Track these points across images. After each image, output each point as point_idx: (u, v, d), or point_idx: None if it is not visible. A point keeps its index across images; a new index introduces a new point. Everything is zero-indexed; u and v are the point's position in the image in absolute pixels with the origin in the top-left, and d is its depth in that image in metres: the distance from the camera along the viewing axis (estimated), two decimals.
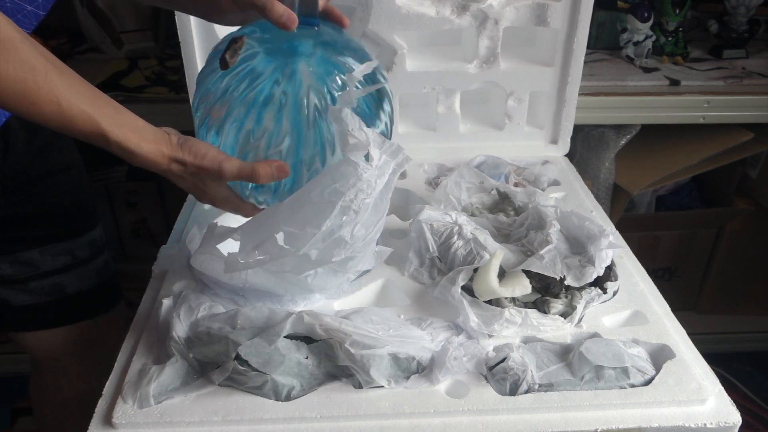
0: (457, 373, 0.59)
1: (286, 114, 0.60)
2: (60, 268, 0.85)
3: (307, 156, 0.61)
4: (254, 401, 0.57)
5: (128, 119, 0.57)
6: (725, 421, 0.56)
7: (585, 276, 0.66)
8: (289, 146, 0.60)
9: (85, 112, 0.54)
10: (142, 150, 0.57)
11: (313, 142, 0.61)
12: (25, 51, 0.51)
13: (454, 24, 0.93)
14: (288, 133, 0.60)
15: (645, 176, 1.28)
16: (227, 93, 0.60)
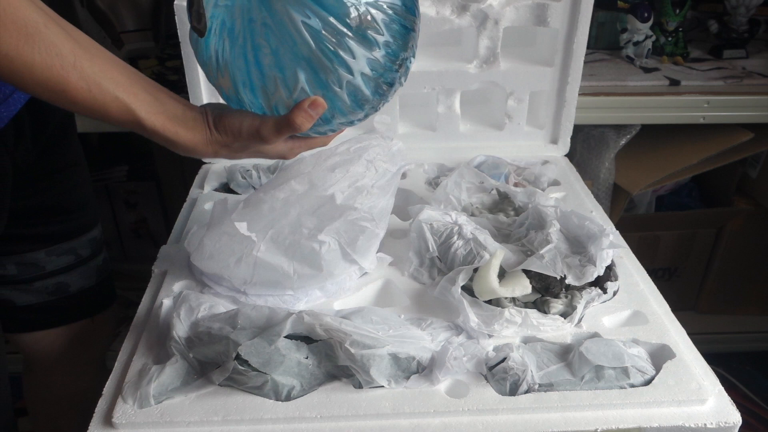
0: (457, 373, 0.59)
1: (282, 51, 0.53)
2: (64, 267, 0.86)
3: (330, 74, 0.54)
4: (254, 401, 0.57)
5: (166, 105, 0.54)
6: (725, 421, 0.56)
7: (585, 275, 0.66)
8: (306, 78, 0.54)
9: (118, 99, 0.51)
10: (181, 139, 0.55)
11: (325, 58, 0.53)
12: (50, 36, 0.48)
13: (454, 24, 0.93)
14: (297, 66, 0.53)
15: (645, 176, 1.28)
16: (218, 59, 0.55)
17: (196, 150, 0.56)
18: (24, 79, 0.49)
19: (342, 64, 0.53)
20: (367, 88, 0.55)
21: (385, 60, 0.55)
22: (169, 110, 0.54)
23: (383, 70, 0.55)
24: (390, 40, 0.54)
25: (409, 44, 0.57)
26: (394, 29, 0.54)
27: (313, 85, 0.54)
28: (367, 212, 0.71)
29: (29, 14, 0.47)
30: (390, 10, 0.54)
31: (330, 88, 0.54)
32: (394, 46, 0.55)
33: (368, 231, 0.71)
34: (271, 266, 0.67)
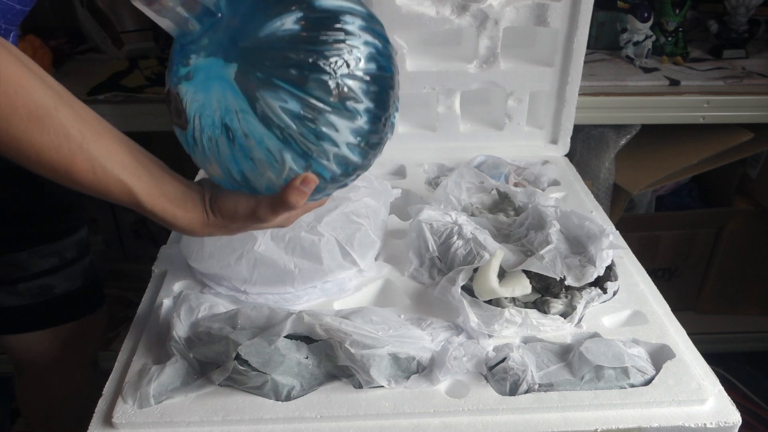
0: (457, 373, 0.59)
1: (265, 137, 0.52)
2: (48, 269, 0.85)
3: (316, 151, 0.53)
4: (254, 401, 0.57)
5: (167, 187, 0.55)
6: (725, 421, 0.56)
7: (585, 276, 0.66)
8: (293, 158, 0.52)
9: (121, 182, 0.52)
10: (179, 221, 0.55)
11: (309, 138, 0.52)
12: (60, 118, 0.48)
13: (454, 24, 0.93)
14: (282, 149, 0.52)
15: (645, 176, 1.28)
16: (204, 149, 0.54)
17: (194, 232, 0.56)
18: (29, 160, 0.49)
19: (326, 139, 0.52)
20: (355, 155, 0.54)
21: (369, 125, 0.53)
22: (170, 192, 0.55)
23: (368, 135, 0.54)
24: (371, 105, 0.53)
25: (389, 103, 0.55)
26: (374, 93, 0.53)
27: (300, 163, 0.53)
28: (362, 206, 0.72)
29: (40, 97, 0.47)
30: (366, 76, 0.52)
31: (318, 163, 0.53)
32: (376, 109, 0.53)
33: (363, 229, 0.71)
34: (272, 262, 0.67)
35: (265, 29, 0.50)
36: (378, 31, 0.55)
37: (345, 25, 0.51)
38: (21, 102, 0.46)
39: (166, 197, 0.54)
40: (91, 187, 0.51)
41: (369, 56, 0.52)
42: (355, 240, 0.71)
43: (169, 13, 0.51)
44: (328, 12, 0.51)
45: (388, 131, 0.57)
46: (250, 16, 0.52)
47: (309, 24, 0.50)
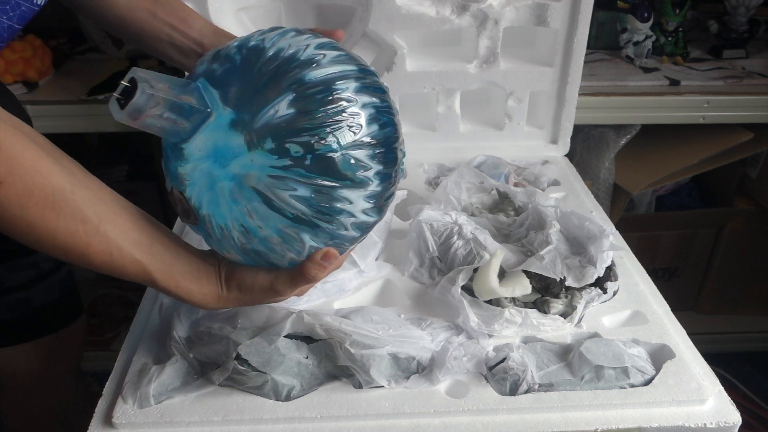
0: (457, 373, 0.59)
1: (280, 225, 0.50)
2: (25, 282, 0.83)
3: (333, 225, 0.52)
4: (254, 401, 0.57)
5: (182, 263, 0.54)
6: (725, 421, 0.56)
7: (585, 277, 0.66)
8: (312, 237, 0.51)
9: (137, 261, 0.51)
10: (194, 297, 0.54)
11: (324, 217, 0.51)
12: (77, 201, 0.47)
13: (454, 24, 0.93)
14: (299, 232, 0.51)
15: (645, 176, 1.28)
16: (220, 241, 0.53)
17: (207, 305, 0.56)
18: (44, 245, 0.48)
19: (342, 213, 0.51)
20: (372, 215, 0.53)
21: (381, 186, 0.52)
22: (184, 268, 0.54)
23: (382, 194, 0.53)
24: (380, 167, 0.51)
25: (397, 156, 0.54)
26: (381, 154, 0.51)
27: (319, 239, 0.52)
28: None
29: (57, 181, 0.46)
30: (372, 140, 0.50)
31: (337, 235, 0.52)
32: (386, 169, 0.52)
33: None
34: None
35: (260, 120, 0.48)
36: (373, 86, 0.52)
37: (340, 93, 0.49)
38: (38, 187, 0.45)
39: (181, 274, 0.54)
40: (105, 267, 0.50)
41: (370, 118, 0.50)
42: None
43: (157, 121, 0.49)
44: (321, 84, 0.49)
45: (399, 178, 0.56)
46: (243, 107, 0.49)
47: (304, 103, 0.48)
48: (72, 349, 0.95)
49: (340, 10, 0.97)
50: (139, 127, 0.49)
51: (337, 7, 0.97)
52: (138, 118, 0.48)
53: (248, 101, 0.49)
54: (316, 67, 0.50)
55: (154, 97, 0.47)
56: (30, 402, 0.93)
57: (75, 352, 0.96)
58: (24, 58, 1.16)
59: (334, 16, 0.99)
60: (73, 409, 0.97)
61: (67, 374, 0.96)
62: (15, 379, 0.90)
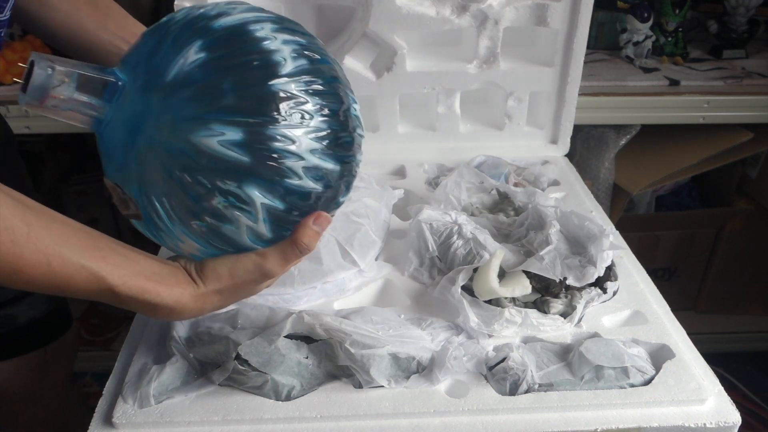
0: (457, 373, 0.59)
1: (220, 182, 0.45)
2: (11, 298, 0.81)
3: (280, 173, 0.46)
4: (254, 401, 0.57)
5: (140, 264, 0.47)
6: (725, 420, 0.56)
7: (586, 276, 0.66)
8: (261, 192, 0.46)
9: (84, 268, 0.43)
10: (164, 300, 0.47)
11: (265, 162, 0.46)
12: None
13: (454, 24, 0.93)
14: (245, 186, 0.46)
15: (645, 176, 1.28)
16: (168, 228, 0.48)
17: (183, 310, 0.48)
18: None
19: (286, 155, 0.45)
20: (327, 161, 0.48)
21: (326, 123, 0.47)
22: (145, 269, 0.47)
23: (331, 134, 0.48)
24: (320, 101, 0.47)
25: (339, 93, 0.49)
26: (318, 89, 0.47)
27: (272, 194, 0.46)
28: (362, 206, 0.72)
29: None
30: (302, 73, 0.46)
31: (291, 186, 0.46)
32: (326, 104, 0.47)
33: (363, 230, 0.71)
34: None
35: (170, 73, 0.45)
36: (295, 29, 0.49)
37: (255, 33, 0.45)
38: None
39: (143, 275, 0.46)
40: (47, 283, 0.43)
41: (295, 53, 0.46)
42: (354, 240, 0.71)
43: (68, 104, 0.45)
44: (231, 27, 0.46)
45: (356, 125, 0.51)
46: (152, 67, 0.46)
47: (215, 47, 0.45)
48: (62, 362, 0.92)
49: (340, 10, 0.97)
50: (53, 114, 0.45)
51: (337, 7, 0.97)
52: (44, 100, 0.44)
53: (157, 62, 0.46)
54: (225, 15, 0.46)
55: (56, 74, 0.43)
56: (23, 415, 0.91)
57: (65, 364, 0.94)
58: (24, 59, 1.16)
59: (334, 16, 0.99)
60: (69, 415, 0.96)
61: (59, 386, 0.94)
62: (5, 394, 0.88)
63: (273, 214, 0.47)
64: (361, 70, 0.95)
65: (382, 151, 1.00)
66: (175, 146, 0.45)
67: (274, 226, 0.48)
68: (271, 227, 0.48)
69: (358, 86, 0.95)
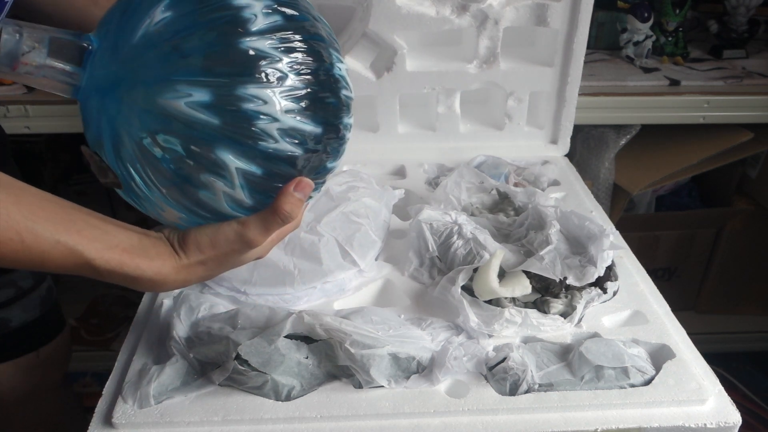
0: (457, 373, 0.59)
1: (192, 146, 0.44)
2: (4, 302, 0.80)
3: (254, 134, 0.44)
4: (254, 401, 0.57)
5: (118, 237, 0.45)
6: (725, 421, 0.56)
7: (586, 276, 0.66)
8: (235, 156, 0.44)
9: (59, 243, 0.42)
10: (145, 273, 0.45)
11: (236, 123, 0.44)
12: None
13: (454, 24, 0.93)
14: (217, 150, 0.44)
15: (645, 176, 1.28)
16: (148, 196, 0.47)
17: (165, 282, 0.47)
18: None
19: (257, 116, 0.43)
20: (306, 123, 0.46)
21: (302, 82, 0.45)
22: (124, 242, 0.45)
23: (308, 95, 0.45)
24: (294, 57, 0.44)
25: (321, 50, 0.46)
26: (291, 47, 0.44)
27: (246, 157, 0.44)
28: (361, 206, 0.73)
29: None
30: (275, 29, 0.44)
31: (266, 149, 0.44)
32: (302, 62, 0.45)
33: (363, 230, 0.71)
34: (272, 263, 0.67)
35: (137, 34, 0.43)
36: None
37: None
38: None
39: (121, 248, 0.45)
40: (21, 259, 0.42)
41: (268, 9, 0.44)
42: (354, 240, 0.71)
43: (41, 70, 0.43)
44: None
45: (341, 85, 0.48)
46: (120, 29, 0.44)
47: (180, 5, 0.43)
48: (55, 365, 0.92)
49: (340, 10, 0.97)
50: (29, 82, 0.44)
51: (337, 7, 0.97)
52: (15, 66, 0.42)
53: (126, 23, 0.44)
54: None
55: (24, 39, 0.42)
56: (16, 418, 0.91)
57: (59, 366, 0.93)
58: None
59: (334, 16, 0.99)
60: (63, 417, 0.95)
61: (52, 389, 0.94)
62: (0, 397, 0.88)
63: (250, 179, 0.45)
64: (361, 70, 0.95)
65: (382, 151, 1.00)
66: (143, 110, 0.43)
67: (253, 193, 0.46)
68: (250, 193, 0.46)
69: (358, 86, 0.95)
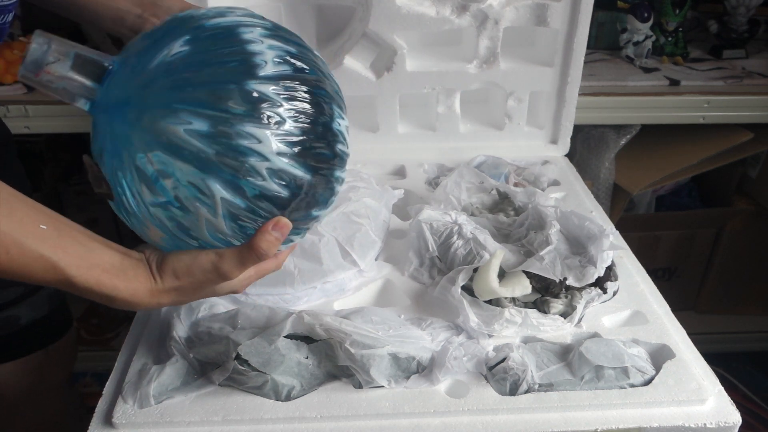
0: (457, 373, 0.59)
1: (181, 173, 0.46)
2: (13, 299, 0.81)
3: (243, 170, 0.46)
4: (254, 401, 0.57)
5: (101, 257, 0.47)
6: (725, 421, 0.56)
7: (586, 277, 0.66)
8: (223, 187, 0.46)
9: (42, 257, 0.44)
10: (121, 294, 0.47)
11: (229, 155, 0.46)
12: None
13: (454, 24, 0.93)
14: (207, 179, 0.46)
15: (645, 176, 1.28)
16: (135, 212, 0.49)
17: (139, 303, 0.49)
18: None
19: (249, 153, 0.45)
20: (294, 166, 0.47)
21: (299, 129, 0.47)
22: (105, 262, 0.47)
23: (304, 142, 0.47)
24: (296, 106, 0.47)
25: (322, 104, 0.49)
26: (296, 95, 0.47)
27: (232, 190, 0.46)
28: (362, 206, 0.72)
29: None
30: (281, 78, 0.47)
31: (252, 184, 0.46)
32: (304, 110, 0.47)
33: (363, 230, 0.71)
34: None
35: (154, 61, 0.47)
36: (288, 38, 0.50)
37: (243, 35, 0.47)
38: None
39: (101, 267, 0.47)
40: (4, 269, 0.43)
41: (279, 59, 0.47)
42: (355, 240, 0.71)
43: (61, 81, 0.47)
44: (222, 27, 0.47)
45: (337, 141, 0.50)
46: (140, 55, 0.48)
47: (200, 42, 0.46)
48: (62, 363, 0.93)
49: (340, 10, 0.97)
50: (49, 90, 0.47)
51: (337, 7, 0.97)
52: (39, 74, 0.46)
53: (146, 51, 0.48)
54: (221, 17, 0.48)
55: (52, 51, 0.45)
56: (22, 416, 0.91)
57: (66, 365, 0.94)
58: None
59: (334, 16, 0.99)
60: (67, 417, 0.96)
61: (57, 388, 0.94)
62: (6, 395, 0.88)
63: (233, 212, 0.47)
64: (361, 70, 0.95)
65: (382, 151, 1.00)
66: (145, 129, 0.46)
67: (234, 225, 0.48)
68: (230, 225, 0.48)
69: (358, 86, 0.95)
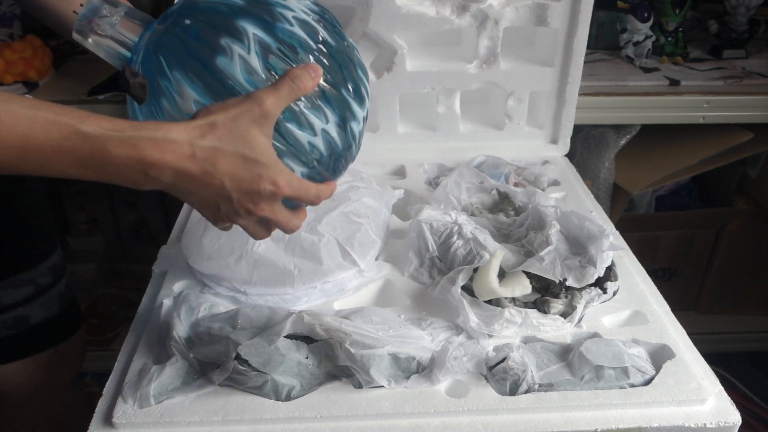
0: (457, 373, 0.59)
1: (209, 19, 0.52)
2: (23, 299, 0.82)
3: (275, 16, 0.52)
4: (254, 401, 0.57)
5: (125, 121, 0.44)
6: (725, 420, 0.56)
7: (586, 277, 0.66)
8: (249, 25, 0.52)
9: (44, 119, 0.41)
10: (147, 128, 0.43)
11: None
12: None
13: (454, 24, 0.93)
14: (239, 21, 0.51)
15: (645, 176, 1.28)
16: (169, 88, 0.51)
17: (173, 140, 0.43)
18: None
19: (277, 4, 0.52)
20: (317, 24, 0.54)
21: (318, 15, 0.55)
22: (117, 122, 0.44)
23: (323, 15, 0.55)
24: (316, 14, 0.55)
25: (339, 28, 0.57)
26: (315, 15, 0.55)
27: (263, 29, 0.51)
28: (361, 206, 0.73)
29: None
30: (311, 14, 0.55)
31: (281, 28, 0.51)
32: (325, 20, 0.55)
33: (363, 229, 0.71)
34: (272, 263, 0.67)
35: None
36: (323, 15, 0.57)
37: None
38: None
39: (118, 120, 0.43)
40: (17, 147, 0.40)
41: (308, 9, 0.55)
42: (355, 240, 0.71)
43: (109, 32, 0.54)
44: None
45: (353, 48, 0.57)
46: None
47: None
48: (71, 362, 0.94)
49: (340, 10, 0.97)
50: (93, 38, 0.54)
51: (337, 7, 0.97)
52: (91, 21, 0.53)
53: None
54: None
55: (104, 7, 0.52)
56: (28, 414, 0.92)
57: (74, 363, 0.95)
58: (24, 58, 1.16)
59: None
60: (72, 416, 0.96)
61: (64, 387, 0.95)
62: (11, 395, 0.89)
63: (265, 47, 0.51)
64: None
65: (382, 151, 1.00)
66: (182, 5, 0.53)
67: (266, 63, 0.51)
68: (263, 63, 0.51)
69: None
